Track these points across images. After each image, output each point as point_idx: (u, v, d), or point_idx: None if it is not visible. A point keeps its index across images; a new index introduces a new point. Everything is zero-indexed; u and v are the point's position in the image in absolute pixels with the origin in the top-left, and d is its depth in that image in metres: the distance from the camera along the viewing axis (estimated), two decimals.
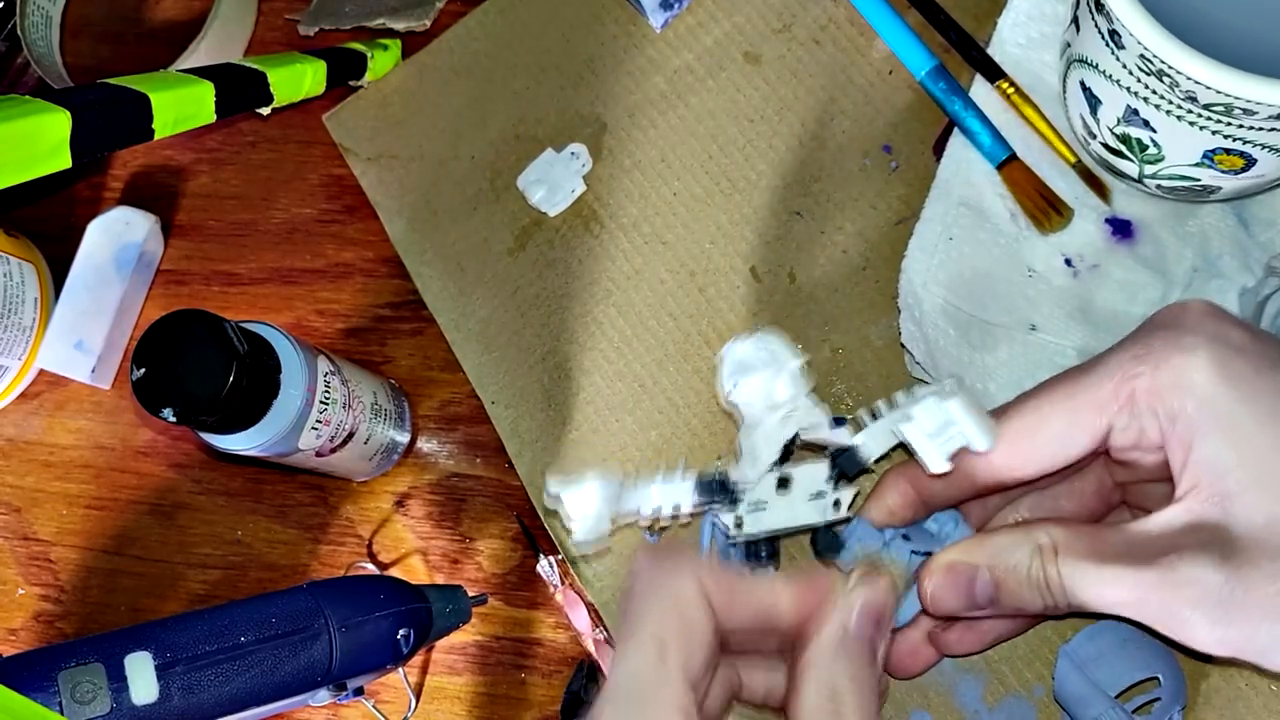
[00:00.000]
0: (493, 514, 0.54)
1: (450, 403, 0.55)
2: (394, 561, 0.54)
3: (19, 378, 0.59)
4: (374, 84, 0.59)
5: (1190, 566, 0.34)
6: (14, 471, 0.59)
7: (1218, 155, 0.41)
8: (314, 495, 0.56)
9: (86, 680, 0.38)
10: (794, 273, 0.51)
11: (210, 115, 0.49)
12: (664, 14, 0.55)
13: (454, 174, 0.56)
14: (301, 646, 0.42)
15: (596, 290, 0.53)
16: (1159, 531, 0.35)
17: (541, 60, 0.57)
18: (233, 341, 0.43)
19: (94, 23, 0.65)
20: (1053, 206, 0.48)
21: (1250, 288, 0.45)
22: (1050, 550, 0.37)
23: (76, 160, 0.43)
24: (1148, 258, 0.47)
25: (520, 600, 0.52)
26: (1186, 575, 0.34)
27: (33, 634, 0.57)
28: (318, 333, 0.58)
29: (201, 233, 0.60)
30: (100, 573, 0.57)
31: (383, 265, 0.58)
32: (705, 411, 0.50)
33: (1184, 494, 0.35)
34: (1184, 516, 0.35)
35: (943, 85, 0.51)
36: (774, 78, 0.54)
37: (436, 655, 0.53)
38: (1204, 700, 0.43)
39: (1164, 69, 0.38)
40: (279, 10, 0.63)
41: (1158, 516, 0.36)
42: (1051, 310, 0.47)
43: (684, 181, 0.54)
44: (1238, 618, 0.34)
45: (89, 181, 0.63)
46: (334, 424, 0.48)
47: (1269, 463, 0.34)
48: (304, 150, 0.60)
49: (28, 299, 0.58)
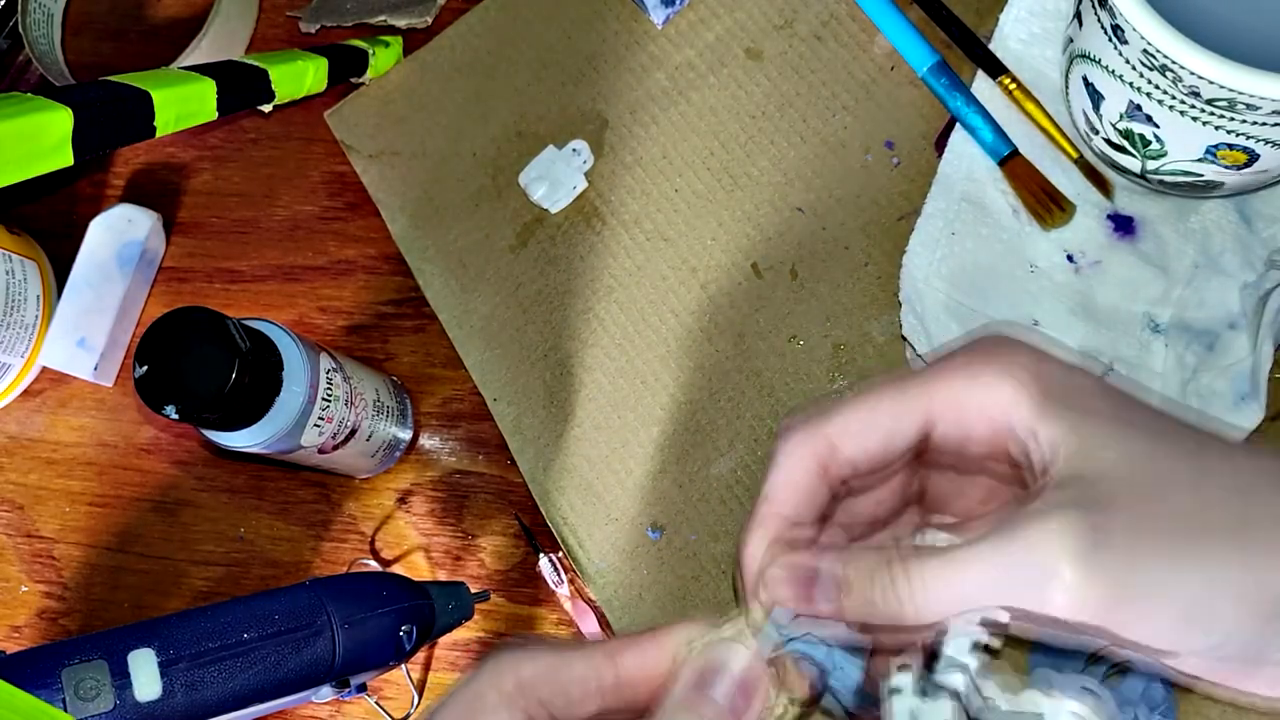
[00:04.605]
0: (495, 511, 0.54)
1: (452, 400, 0.55)
2: (396, 558, 0.54)
3: (21, 375, 0.59)
4: (375, 81, 0.59)
5: (1058, 517, 0.31)
6: (17, 469, 0.59)
7: (1220, 150, 0.41)
8: (316, 492, 0.56)
9: (90, 677, 0.38)
10: (796, 269, 0.51)
11: (212, 113, 0.49)
12: (665, 10, 0.55)
13: (456, 171, 0.56)
14: (304, 643, 0.42)
15: (598, 287, 0.53)
16: (1017, 512, 0.33)
17: (543, 57, 0.57)
18: (235, 339, 0.43)
19: (96, 20, 0.65)
20: (1055, 202, 0.48)
21: (1252, 283, 0.45)
22: (907, 549, 0.34)
23: (78, 158, 0.43)
24: (1149, 254, 0.47)
25: (522, 597, 0.52)
26: (1055, 526, 0.31)
27: (36, 631, 0.57)
28: (320, 330, 0.58)
29: (204, 230, 0.60)
30: (103, 570, 0.57)
31: (385, 262, 0.58)
32: (708, 408, 0.50)
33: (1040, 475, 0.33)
34: (1040, 493, 0.33)
35: (945, 81, 0.51)
36: (775, 74, 0.54)
37: (439, 652, 0.53)
38: (1203, 696, 0.43)
39: (1167, 64, 0.38)
40: (280, 7, 0.63)
41: (1013, 507, 0.33)
42: (1053, 306, 0.47)
43: (685, 178, 0.54)
44: (1107, 562, 0.31)
45: (91, 179, 0.63)
46: (336, 421, 0.48)
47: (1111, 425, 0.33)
48: (306, 147, 0.60)
49: (30, 296, 0.58)
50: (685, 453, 0.50)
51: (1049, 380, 0.34)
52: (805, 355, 0.50)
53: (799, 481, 0.37)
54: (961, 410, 0.36)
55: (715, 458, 0.50)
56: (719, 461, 0.50)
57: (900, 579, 0.33)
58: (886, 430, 0.36)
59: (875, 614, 0.33)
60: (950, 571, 0.33)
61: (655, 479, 0.50)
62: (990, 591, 0.32)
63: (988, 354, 0.36)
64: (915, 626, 0.33)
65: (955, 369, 0.36)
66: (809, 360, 0.50)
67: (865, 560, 0.34)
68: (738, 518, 0.49)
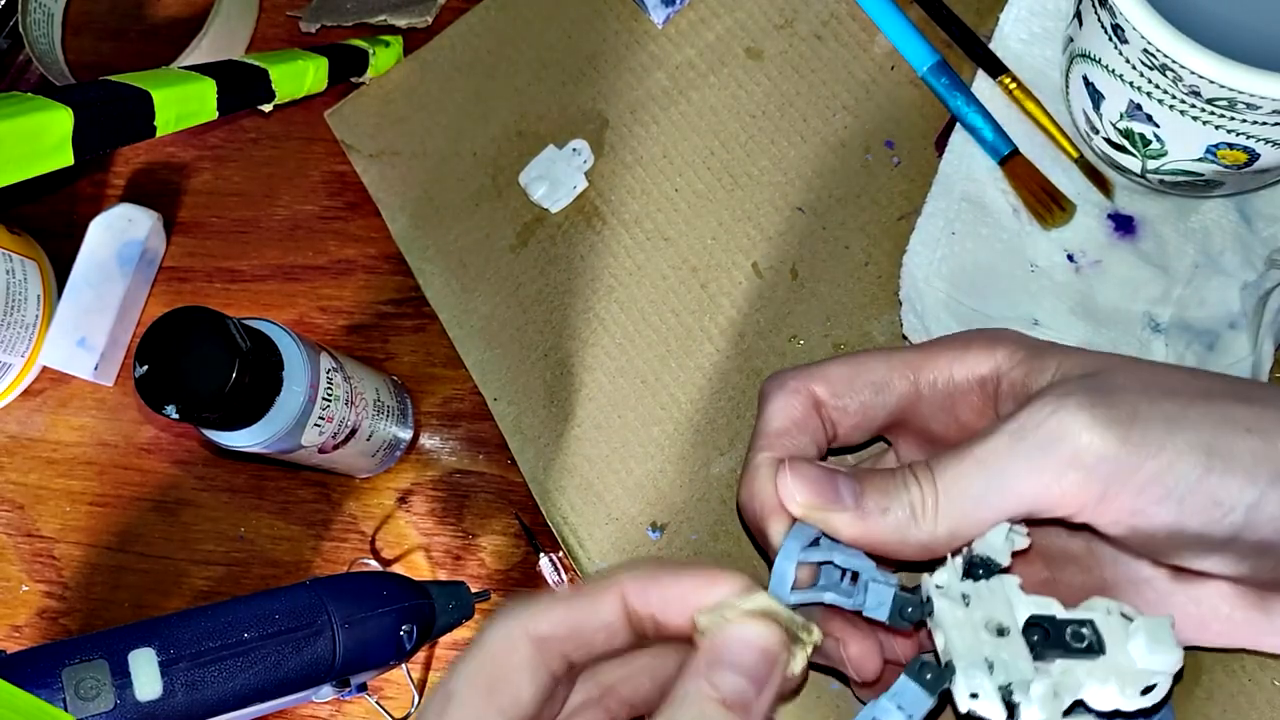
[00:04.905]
0: (495, 510, 0.54)
1: (452, 399, 0.55)
2: (397, 558, 0.54)
3: (22, 375, 0.59)
4: (376, 81, 0.59)
5: (1066, 393, 0.31)
6: (17, 469, 0.59)
7: (1221, 150, 0.41)
8: (317, 492, 0.56)
9: (90, 677, 0.38)
10: (796, 268, 0.51)
11: (212, 112, 0.49)
12: (666, 10, 0.55)
13: (456, 170, 0.56)
14: (304, 643, 0.42)
15: (598, 286, 0.53)
16: (1020, 406, 0.32)
17: (543, 56, 0.57)
18: (235, 338, 0.43)
19: (96, 19, 0.65)
20: (1055, 202, 0.48)
21: (1252, 282, 0.45)
22: (922, 462, 0.34)
23: (79, 157, 0.43)
24: (1150, 253, 0.47)
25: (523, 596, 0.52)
26: (1065, 398, 0.31)
27: (36, 630, 0.57)
28: (320, 329, 0.58)
29: (204, 230, 0.60)
30: (104, 569, 0.57)
31: (385, 262, 0.58)
32: (708, 407, 0.50)
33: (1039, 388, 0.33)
34: (1041, 393, 0.32)
35: (945, 81, 0.51)
36: (776, 73, 0.54)
37: (440, 651, 0.53)
38: (1206, 695, 0.43)
39: (1167, 63, 0.38)
40: (280, 7, 0.63)
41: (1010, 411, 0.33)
42: (1054, 305, 0.47)
43: (686, 177, 0.54)
44: (1121, 418, 0.30)
45: (91, 179, 0.63)
46: (337, 421, 0.48)
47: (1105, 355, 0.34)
48: (306, 147, 0.60)
49: (30, 296, 0.58)
50: (685, 452, 0.50)
51: (1040, 341, 0.36)
52: (806, 355, 0.50)
53: (796, 416, 0.37)
54: (950, 377, 0.36)
55: (715, 457, 0.50)
56: (719, 461, 0.50)
57: (925, 482, 0.32)
58: (872, 388, 0.37)
59: (899, 533, 0.33)
60: (966, 466, 0.32)
61: (655, 478, 0.50)
62: (1004, 474, 0.31)
63: (977, 332, 0.37)
64: (937, 544, 0.33)
65: (945, 344, 0.37)
66: (809, 359, 0.50)
67: (880, 474, 0.34)
68: (738, 518, 0.49)
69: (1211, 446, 0.31)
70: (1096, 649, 0.32)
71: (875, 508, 0.33)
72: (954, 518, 0.32)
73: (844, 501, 0.33)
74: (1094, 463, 0.31)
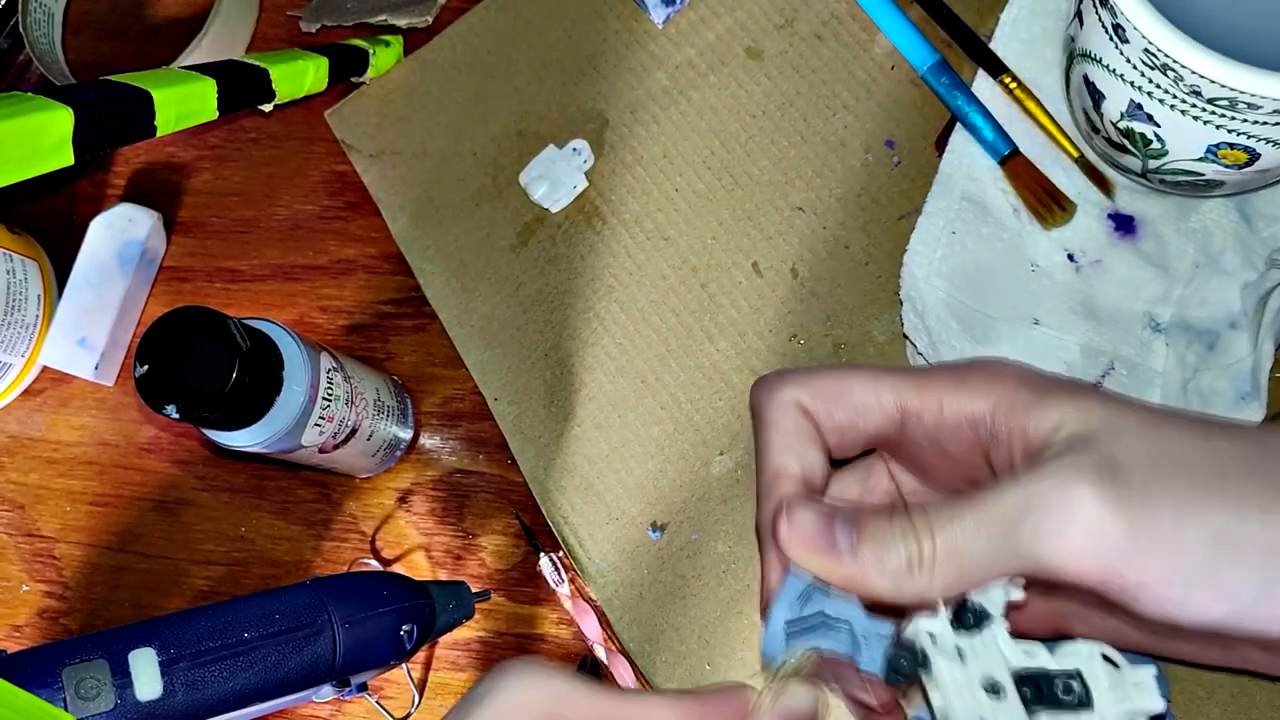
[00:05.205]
0: (495, 510, 0.54)
1: (453, 399, 0.55)
2: (397, 558, 0.54)
3: (22, 374, 0.59)
4: (376, 80, 0.59)
5: (1075, 459, 0.31)
6: (18, 468, 0.59)
7: (1221, 150, 0.40)
8: (317, 492, 0.56)
9: (90, 677, 0.38)
10: (796, 268, 0.51)
11: (212, 112, 0.49)
12: (666, 9, 0.55)
13: (456, 170, 0.56)
14: (305, 643, 0.42)
15: (599, 286, 0.53)
16: (1027, 466, 0.32)
17: (543, 56, 0.57)
18: (236, 338, 0.43)
19: (96, 19, 0.65)
20: (1055, 201, 0.48)
21: (1252, 282, 0.45)
22: (915, 505, 0.34)
23: (79, 157, 0.43)
24: (1150, 253, 0.47)
25: (523, 596, 0.52)
26: (1073, 465, 0.31)
27: (37, 630, 0.57)
28: (320, 329, 0.58)
29: (204, 229, 0.60)
30: (104, 569, 0.57)
31: (385, 262, 0.58)
32: (707, 407, 0.50)
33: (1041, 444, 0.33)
34: (1046, 455, 0.32)
35: (945, 80, 0.50)
36: (776, 73, 0.54)
37: (440, 651, 0.53)
38: (1206, 695, 0.43)
39: (1168, 63, 0.38)
40: (281, 7, 0.63)
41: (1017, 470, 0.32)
42: (1054, 305, 0.47)
43: (686, 177, 0.54)
44: (1128, 496, 0.30)
45: (91, 178, 0.63)
46: (337, 420, 0.48)
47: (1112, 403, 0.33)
48: (306, 147, 0.60)
49: (31, 296, 0.58)
50: (685, 452, 0.50)
51: (1041, 379, 0.34)
52: (806, 354, 0.50)
53: (797, 428, 0.37)
54: (939, 413, 0.35)
55: (715, 457, 0.50)
56: (719, 461, 0.50)
57: (924, 535, 0.32)
58: (853, 410, 0.36)
59: (893, 584, 0.33)
60: (966, 525, 0.32)
61: (655, 478, 0.50)
62: (1006, 539, 0.31)
63: (975, 366, 0.36)
64: (931, 597, 0.32)
65: (939, 375, 0.36)
66: (810, 359, 0.50)
67: (877, 521, 0.33)
68: (738, 517, 0.49)
69: (1222, 535, 0.30)
70: (1085, 702, 0.32)
71: (871, 557, 0.33)
72: (951, 574, 0.32)
73: (839, 550, 0.33)
74: (1101, 546, 0.31)
